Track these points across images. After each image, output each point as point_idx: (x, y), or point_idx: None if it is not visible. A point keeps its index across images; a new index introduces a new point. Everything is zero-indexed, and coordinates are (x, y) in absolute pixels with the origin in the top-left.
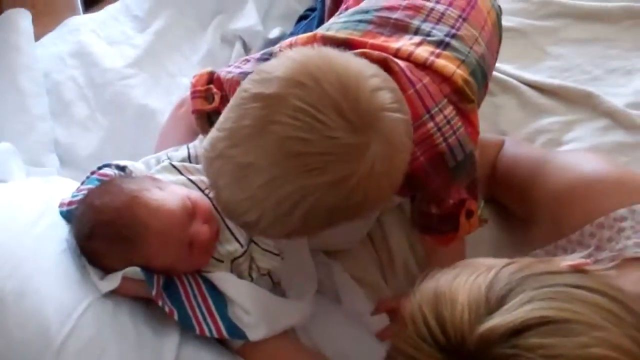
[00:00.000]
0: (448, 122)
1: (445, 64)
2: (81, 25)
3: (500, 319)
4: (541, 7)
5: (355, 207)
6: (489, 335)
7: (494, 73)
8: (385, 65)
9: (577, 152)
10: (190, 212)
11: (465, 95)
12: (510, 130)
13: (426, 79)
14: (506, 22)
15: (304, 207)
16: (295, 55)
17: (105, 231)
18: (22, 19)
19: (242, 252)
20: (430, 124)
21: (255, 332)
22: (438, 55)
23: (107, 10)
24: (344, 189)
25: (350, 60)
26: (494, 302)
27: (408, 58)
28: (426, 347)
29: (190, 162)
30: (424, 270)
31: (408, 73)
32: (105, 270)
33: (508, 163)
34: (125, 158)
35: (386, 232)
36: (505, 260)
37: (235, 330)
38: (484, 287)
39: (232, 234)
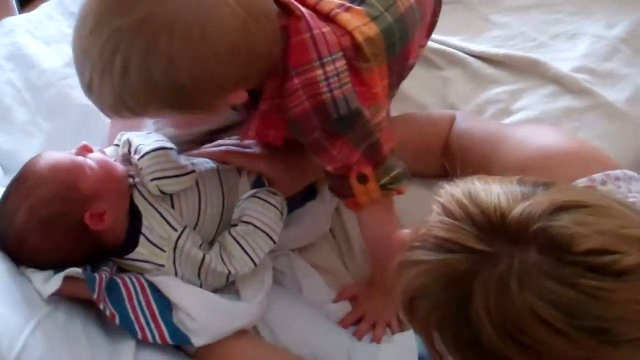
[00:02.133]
0: (337, 74)
1: (349, 18)
2: (15, 27)
3: (542, 197)
4: None
5: (169, 70)
6: (532, 211)
7: (440, 46)
8: (286, 7)
9: (534, 125)
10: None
11: (362, 54)
12: (460, 102)
13: (326, 29)
14: None
15: (121, 55)
16: None
17: (16, 188)
18: None
19: (177, 235)
20: (319, 71)
21: (199, 338)
22: (347, 9)
23: (42, 9)
24: (148, 32)
25: None
26: (528, 192)
27: (314, 7)
28: (463, 225)
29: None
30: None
31: (309, 18)
32: (49, 262)
33: (463, 138)
34: None
35: (343, 219)
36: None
37: (179, 336)
38: (515, 182)
39: (164, 218)
